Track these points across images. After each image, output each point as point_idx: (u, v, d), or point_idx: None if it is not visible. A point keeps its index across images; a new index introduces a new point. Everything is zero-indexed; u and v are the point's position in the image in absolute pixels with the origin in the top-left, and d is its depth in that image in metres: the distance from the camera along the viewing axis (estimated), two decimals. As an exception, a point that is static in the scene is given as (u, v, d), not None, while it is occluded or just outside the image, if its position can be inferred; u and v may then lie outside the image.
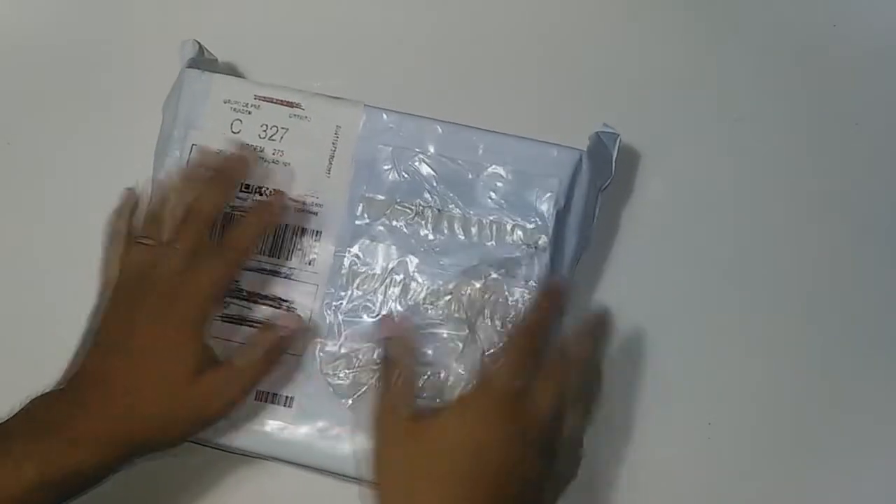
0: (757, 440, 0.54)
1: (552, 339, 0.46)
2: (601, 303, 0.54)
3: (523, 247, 0.50)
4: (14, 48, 0.60)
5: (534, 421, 0.43)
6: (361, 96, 0.52)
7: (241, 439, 0.49)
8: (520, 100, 0.57)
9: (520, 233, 0.50)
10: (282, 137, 0.51)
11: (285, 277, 0.51)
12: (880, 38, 0.59)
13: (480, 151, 0.50)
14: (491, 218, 0.50)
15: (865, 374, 0.55)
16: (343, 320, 0.50)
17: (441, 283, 0.50)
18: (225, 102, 0.52)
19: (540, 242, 0.49)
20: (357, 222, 0.51)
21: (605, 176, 0.51)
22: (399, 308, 0.50)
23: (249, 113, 0.52)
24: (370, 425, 0.45)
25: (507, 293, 0.49)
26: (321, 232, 0.51)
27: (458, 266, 0.50)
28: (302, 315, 0.50)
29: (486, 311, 0.49)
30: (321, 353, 0.50)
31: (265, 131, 0.52)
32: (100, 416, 0.43)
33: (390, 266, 0.50)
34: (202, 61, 0.54)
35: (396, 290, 0.50)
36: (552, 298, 0.48)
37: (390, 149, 0.51)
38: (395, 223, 0.50)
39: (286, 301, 0.51)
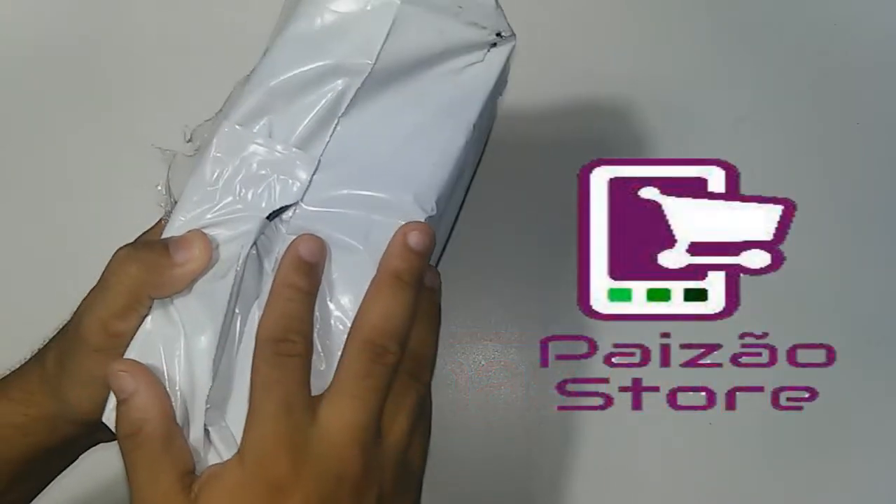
0: (757, 439, 0.54)
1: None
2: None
3: None
4: (14, 48, 0.60)
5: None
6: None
7: None
8: (518, 99, 0.57)
9: None
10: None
11: None
12: (880, 38, 0.59)
13: None
14: None
15: (866, 374, 0.55)
16: None
17: None
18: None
19: None
20: None
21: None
22: None
23: None
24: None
25: None
26: None
27: None
28: None
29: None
30: None
31: None
32: None
33: None
34: None
35: None
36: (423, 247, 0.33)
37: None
38: None
39: None
